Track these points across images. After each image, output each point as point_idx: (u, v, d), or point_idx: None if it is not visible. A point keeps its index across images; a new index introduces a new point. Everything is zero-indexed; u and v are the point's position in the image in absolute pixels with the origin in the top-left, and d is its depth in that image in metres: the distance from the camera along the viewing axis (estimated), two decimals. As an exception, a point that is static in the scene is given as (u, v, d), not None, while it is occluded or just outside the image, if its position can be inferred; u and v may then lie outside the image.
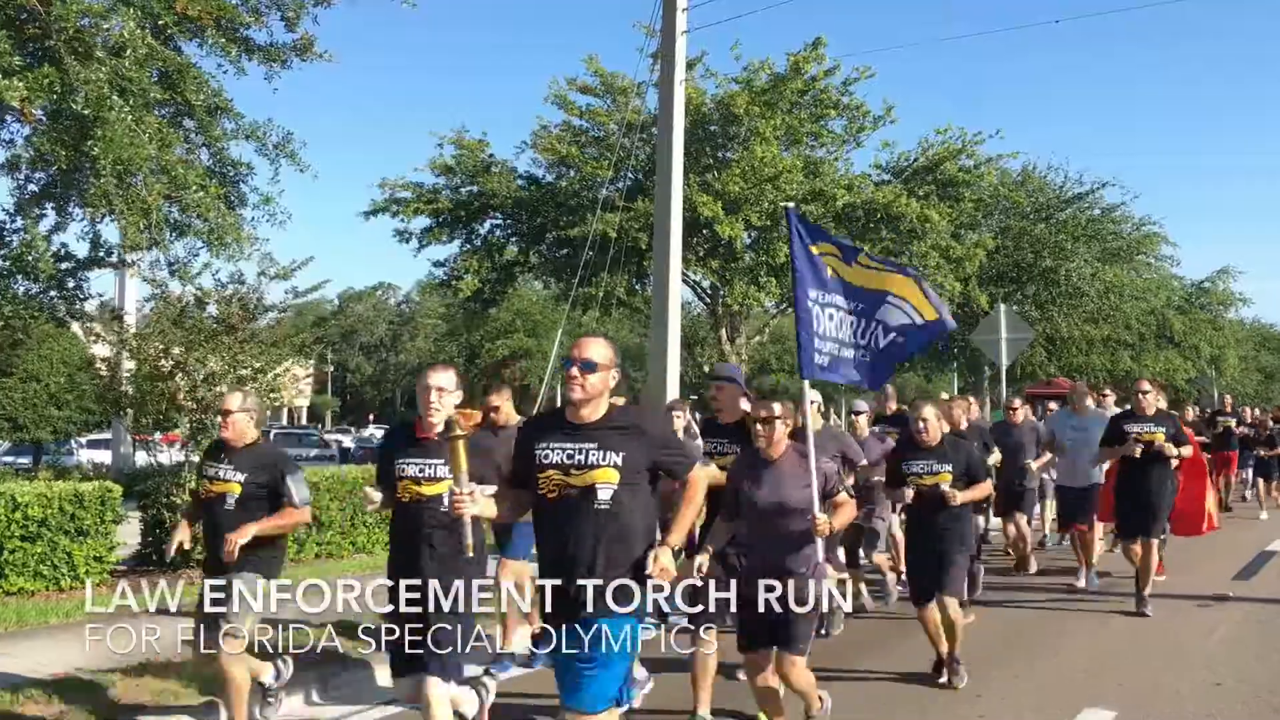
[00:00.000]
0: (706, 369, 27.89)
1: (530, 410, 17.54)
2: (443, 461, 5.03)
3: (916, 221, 22.93)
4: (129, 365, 12.51)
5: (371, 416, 75.64)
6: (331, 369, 78.02)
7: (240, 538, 5.71)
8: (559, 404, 5.37)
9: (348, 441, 49.07)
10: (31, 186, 10.70)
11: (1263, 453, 19.56)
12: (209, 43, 10.43)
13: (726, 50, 24.22)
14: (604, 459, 4.25)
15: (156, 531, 10.88)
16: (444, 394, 5.26)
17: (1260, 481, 19.40)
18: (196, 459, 12.32)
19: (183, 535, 6.32)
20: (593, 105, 23.49)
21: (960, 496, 7.27)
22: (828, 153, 24.28)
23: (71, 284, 11.49)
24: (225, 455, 6.06)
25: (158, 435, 12.28)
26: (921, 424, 7.39)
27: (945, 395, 18.82)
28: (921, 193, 23.98)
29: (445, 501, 5.00)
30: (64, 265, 11.22)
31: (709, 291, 25.23)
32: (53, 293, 11.34)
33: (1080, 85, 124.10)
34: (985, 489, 7.77)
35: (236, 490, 5.93)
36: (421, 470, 5.25)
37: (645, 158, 22.22)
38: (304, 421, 70.55)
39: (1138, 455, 9.59)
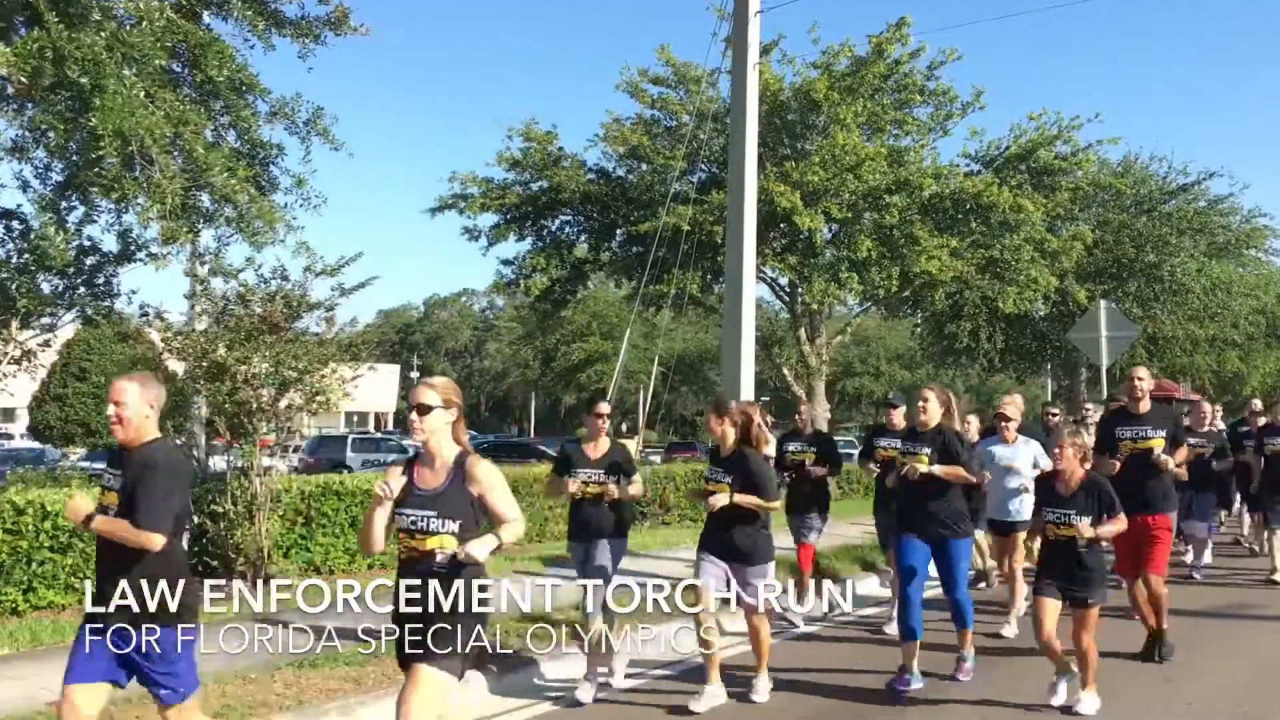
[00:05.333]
0: (785, 371, 26.79)
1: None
2: None
3: (1009, 213, 21.57)
4: (173, 366, 12.13)
5: (455, 422, 75.96)
6: (416, 375, 78.87)
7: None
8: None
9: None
10: (55, 176, 10.12)
11: None
12: (234, 16, 9.75)
13: (804, 35, 23.32)
14: None
15: (202, 540, 10.24)
16: None
17: None
18: (241, 464, 11.68)
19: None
20: (665, 95, 22.59)
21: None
22: (913, 141, 23.00)
23: (100, 280, 10.88)
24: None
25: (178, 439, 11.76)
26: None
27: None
28: (1014, 182, 22.58)
29: None
30: (89, 260, 10.64)
31: (787, 289, 24.13)
32: (80, 289, 10.75)
33: (1183, 67, 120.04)
34: None
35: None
36: None
37: (719, 149, 21.29)
38: (390, 427, 71.35)
39: None
